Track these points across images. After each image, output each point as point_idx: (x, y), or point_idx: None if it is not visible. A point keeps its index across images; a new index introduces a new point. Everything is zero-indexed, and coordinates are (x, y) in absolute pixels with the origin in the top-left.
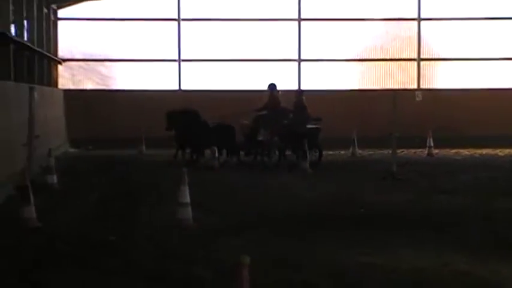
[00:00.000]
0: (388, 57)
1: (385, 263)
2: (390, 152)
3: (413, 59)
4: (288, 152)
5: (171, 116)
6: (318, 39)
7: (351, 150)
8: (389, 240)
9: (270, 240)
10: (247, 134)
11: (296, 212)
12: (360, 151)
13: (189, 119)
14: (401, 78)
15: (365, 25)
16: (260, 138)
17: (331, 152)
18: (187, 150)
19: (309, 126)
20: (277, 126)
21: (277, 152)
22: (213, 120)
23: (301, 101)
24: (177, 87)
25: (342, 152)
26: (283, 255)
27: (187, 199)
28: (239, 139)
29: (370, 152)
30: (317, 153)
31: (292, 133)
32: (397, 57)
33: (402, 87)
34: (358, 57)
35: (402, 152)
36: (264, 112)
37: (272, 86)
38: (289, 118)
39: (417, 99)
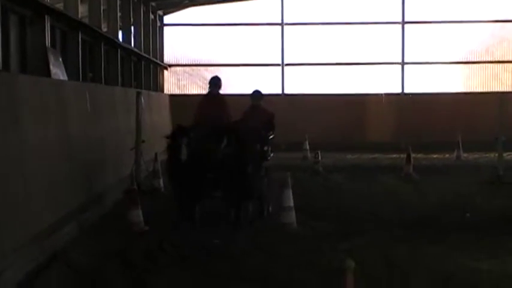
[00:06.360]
0: (494, 60)
1: (493, 269)
2: (496, 155)
3: None
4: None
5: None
6: (422, 42)
7: (455, 153)
8: (496, 246)
9: (376, 245)
10: None
11: (403, 217)
12: (465, 155)
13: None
14: (507, 80)
15: (471, 27)
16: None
17: (435, 156)
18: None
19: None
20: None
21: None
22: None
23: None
24: (280, 91)
25: (447, 156)
26: (391, 260)
27: (291, 203)
28: None
29: (476, 156)
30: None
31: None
32: (503, 59)
33: (508, 90)
34: (464, 60)
35: (509, 155)
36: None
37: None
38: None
39: None
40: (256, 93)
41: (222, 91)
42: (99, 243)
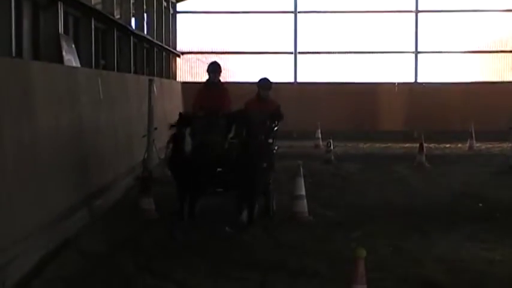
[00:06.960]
0: (508, 49)
1: (505, 259)
2: (510, 145)
3: None
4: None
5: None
6: (435, 31)
7: (468, 143)
8: (509, 236)
9: (388, 234)
10: None
11: (415, 206)
12: (478, 144)
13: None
14: None
15: (485, 16)
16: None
17: (448, 145)
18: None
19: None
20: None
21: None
22: None
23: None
24: (292, 80)
25: (460, 145)
26: (402, 249)
27: (303, 191)
28: None
29: (489, 146)
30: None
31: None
32: None
33: None
34: (478, 49)
35: None
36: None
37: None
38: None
39: None
40: (265, 81)
41: (230, 78)
42: (111, 230)
